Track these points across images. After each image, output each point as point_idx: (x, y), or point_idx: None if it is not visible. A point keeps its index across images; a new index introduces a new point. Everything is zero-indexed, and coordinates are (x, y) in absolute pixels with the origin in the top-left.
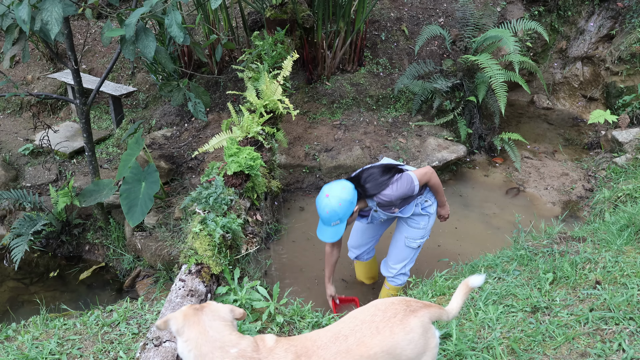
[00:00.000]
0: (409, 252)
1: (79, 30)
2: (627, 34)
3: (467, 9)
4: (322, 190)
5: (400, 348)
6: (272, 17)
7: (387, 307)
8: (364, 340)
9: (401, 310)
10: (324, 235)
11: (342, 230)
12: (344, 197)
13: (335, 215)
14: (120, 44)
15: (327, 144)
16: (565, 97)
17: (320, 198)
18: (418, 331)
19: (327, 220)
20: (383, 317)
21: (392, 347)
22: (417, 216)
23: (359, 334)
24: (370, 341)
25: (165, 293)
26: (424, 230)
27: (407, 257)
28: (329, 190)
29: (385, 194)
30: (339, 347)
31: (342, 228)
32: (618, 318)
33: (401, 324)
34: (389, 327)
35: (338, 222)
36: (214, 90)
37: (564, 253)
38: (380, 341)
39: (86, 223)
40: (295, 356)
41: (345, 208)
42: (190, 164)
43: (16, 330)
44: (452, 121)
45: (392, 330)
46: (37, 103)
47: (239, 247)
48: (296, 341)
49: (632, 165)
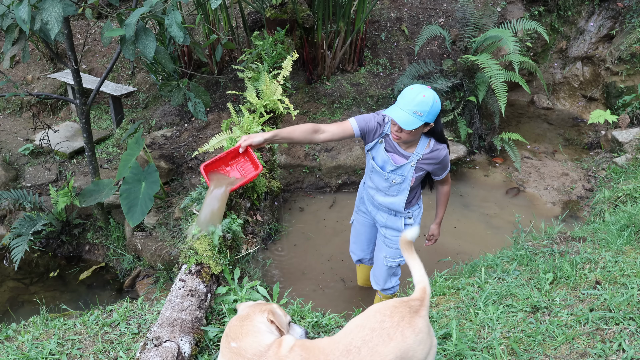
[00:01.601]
0: (390, 270)
1: (79, 30)
2: (627, 34)
3: (467, 9)
4: (415, 87)
5: (412, 350)
6: (272, 17)
7: (393, 312)
8: (378, 349)
9: (406, 312)
10: (403, 116)
11: (416, 124)
12: (438, 102)
13: (422, 104)
14: (120, 44)
15: (327, 144)
16: (565, 97)
17: (415, 88)
18: (425, 330)
19: (414, 104)
20: (392, 323)
21: (405, 351)
22: (395, 235)
23: (372, 344)
24: (384, 349)
25: (165, 293)
26: None
27: (389, 274)
28: (424, 90)
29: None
30: None
31: (416, 123)
32: (618, 318)
33: (410, 326)
34: (400, 332)
35: (420, 114)
36: (214, 90)
37: (564, 253)
38: (394, 347)
39: (86, 223)
40: None
41: (434, 108)
42: (190, 164)
43: (16, 330)
44: (452, 121)
45: (404, 334)
46: (37, 103)
47: (239, 247)
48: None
49: (632, 165)
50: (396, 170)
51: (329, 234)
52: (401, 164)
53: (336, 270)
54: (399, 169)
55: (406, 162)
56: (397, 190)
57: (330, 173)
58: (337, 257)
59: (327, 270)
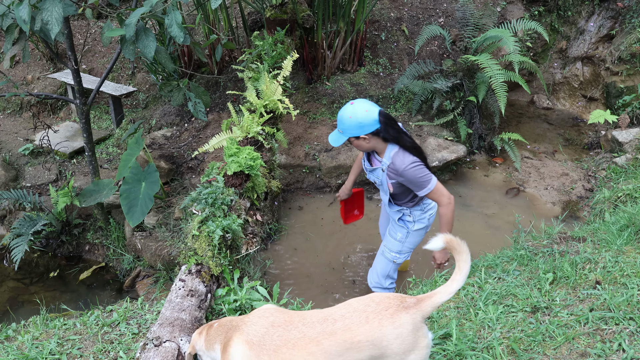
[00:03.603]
0: (384, 263)
1: (79, 30)
2: (627, 34)
3: (467, 9)
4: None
5: (386, 341)
6: (272, 17)
7: (382, 300)
8: (351, 326)
9: (394, 304)
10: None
11: (340, 141)
12: (358, 115)
13: (341, 122)
14: (120, 44)
15: (327, 144)
16: (565, 97)
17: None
18: (408, 327)
19: (338, 122)
20: (375, 309)
21: (378, 338)
22: (397, 226)
23: (348, 320)
24: (357, 329)
25: (165, 293)
26: (400, 244)
27: (382, 268)
28: (358, 102)
29: (403, 159)
30: (324, 328)
31: (341, 139)
32: (618, 318)
33: (391, 317)
34: (379, 319)
35: (341, 131)
36: (214, 90)
37: (564, 253)
38: (367, 330)
39: (86, 223)
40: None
41: (351, 123)
42: (190, 164)
43: (16, 330)
44: (452, 121)
45: (381, 323)
46: (37, 103)
47: (239, 247)
48: (285, 315)
49: (632, 165)
50: (372, 172)
51: (326, 233)
52: (375, 167)
53: (346, 270)
54: (374, 171)
55: (379, 166)
56: (381, 189)
57: (330, 173)
58: (338, 257)
59: (328, 271)
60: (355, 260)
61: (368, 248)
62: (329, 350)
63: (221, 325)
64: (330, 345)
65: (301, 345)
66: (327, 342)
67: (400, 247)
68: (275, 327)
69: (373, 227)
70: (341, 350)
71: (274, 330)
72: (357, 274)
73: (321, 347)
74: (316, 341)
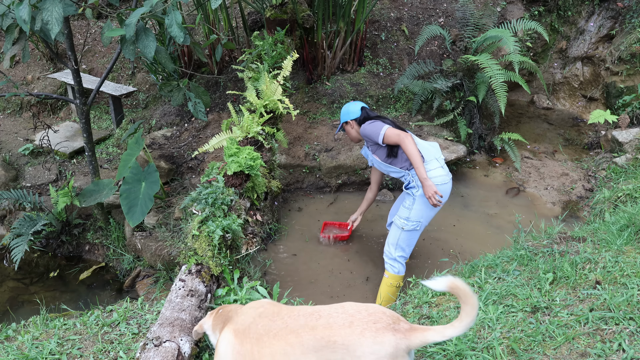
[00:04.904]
0: (394, 230)
1: (79, 30)
2: (627, 34)
3: (467, 9)
4: None
5: (361, 351)
6: (272, 17)
7: (375, 312)
8: (333, 325)
9: (385, 321)
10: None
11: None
12: (348, 105)
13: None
14: (120, 44)
15: (327, 144)
16: (565, 97)
17: None
18: (387, 349)
19: None
20: (363, 318)
21: (354, 346)
22: (405, 194)
23: (332, 319)
24: (338, 330)
25: (165, 293)
26: (408, 210)
27: (392, 235)
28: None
29: (364, 127)
30: (308, 321)
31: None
32: (618, 318)
33: (376, 332)
34: (362, 328)
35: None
36: (214, 90)
37: (564, 253)
38: (346, 334)
39: (86, 223)
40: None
41: (343, 111)
42: (190, 164)
43: (16, 330)
44: (452, 121)
45: (363, 332)
46: (37, 103)
47: (239, 247)
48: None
49: (632, 165)
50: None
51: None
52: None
53: (345, 264)
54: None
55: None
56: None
57: (330, 173)
58: (338, 257)
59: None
60: (355, 261)
61: (368, 247)
62: (307, 344)
63: (223, 313)
64: (308, 339)
65: (281, 336)
66: (307, 335)
67: (408, 213)
68: (262, 317)
69: (371, 228)
70: (318, 346)
71: (260, 320)
72: (359, 275)
73: (300, 339)
74: (296, 333)
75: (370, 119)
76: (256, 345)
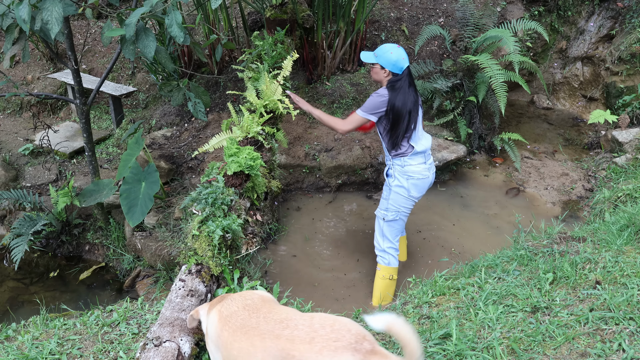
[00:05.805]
0: (377, 222)
1: (79, 30)
2: (627, 34)
3: (467, 9)
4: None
5: None
6: (272, 17)
7: (340, 329)
8: (295, 339)
9: (347, 340)
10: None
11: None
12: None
13: (381, 50)
14: (120, 44)
15: (327, 144)
16: (565, 97)
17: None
18: None
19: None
20: (326, 334)
21: None
22: (385, 186)
23: (296, 332)
24: (298, 344)
25: (165, 293)
26: (386, 201)
27: (377, 227)
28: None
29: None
30: (275, 328)
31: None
32: (618, 318)
33: (334, 351)
34: (321, 345)
35: (376, 55)
36: (214, 90)
37: (564, 253)
38: (305, 350)
39: (86, 223)
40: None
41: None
42: (190, 164)
43: (16, 330)
44: (452, 121)
45: (321, 351)
46: (37, 103)
47: (239, 247)
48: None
49: (632, 165)
50: None
51: (325, 233)
52: None
53: (353, 248)
54: None
55: None
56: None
57: (330, 173)
58: (338, 258)
59: (329, 272)
60: (356, 261)
61: (367, 245)
62: (269, 351)
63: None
64: (271, 346)
65: (250, 335)
66: (270, 342)
67: (386, 204)
68: (244, 310)
69: (370, 227)
70: (278, 356)
71: (241, 312)
72: (360, 275)
73: (264, 344)
74: (262, 337)
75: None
76: (231, 337)
